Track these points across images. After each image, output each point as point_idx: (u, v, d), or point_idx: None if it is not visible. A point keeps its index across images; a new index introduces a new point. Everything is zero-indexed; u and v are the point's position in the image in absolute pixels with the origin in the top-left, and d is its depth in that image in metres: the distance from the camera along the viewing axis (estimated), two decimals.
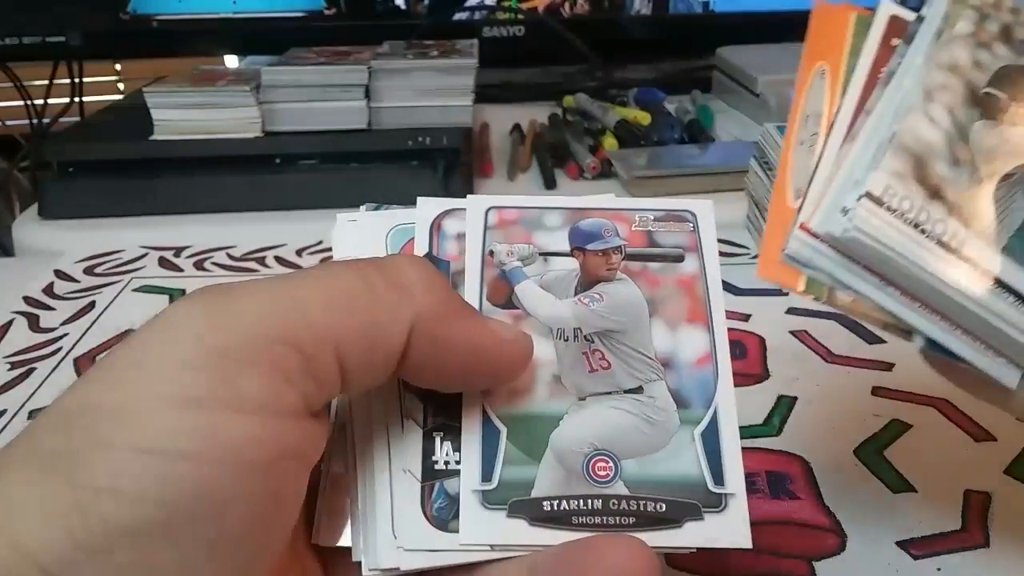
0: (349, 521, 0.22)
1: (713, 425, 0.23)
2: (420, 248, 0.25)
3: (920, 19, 0.24)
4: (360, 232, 0.25)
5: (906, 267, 0.21)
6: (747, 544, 0.22)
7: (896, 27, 0.25)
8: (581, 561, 0.20)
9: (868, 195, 0.21)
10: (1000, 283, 0.22)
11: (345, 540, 0.22)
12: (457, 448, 0.22)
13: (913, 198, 0.21)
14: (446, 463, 0.22)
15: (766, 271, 0.24)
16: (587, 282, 0.25)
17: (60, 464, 0.17)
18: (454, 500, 0.22)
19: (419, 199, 0.26)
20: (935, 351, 0.22)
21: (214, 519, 0.17)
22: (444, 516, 0.22)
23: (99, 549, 0.16)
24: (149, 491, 0.16)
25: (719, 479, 0.22)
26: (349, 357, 0.19)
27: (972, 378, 0.23)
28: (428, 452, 0.22)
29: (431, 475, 0.22)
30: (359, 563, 0.22)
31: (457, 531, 0.21)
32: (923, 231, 0.21)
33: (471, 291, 0.24)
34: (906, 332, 0.23)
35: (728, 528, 0.22)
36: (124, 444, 0.17)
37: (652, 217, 0.26)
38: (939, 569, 0.30)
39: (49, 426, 0.17)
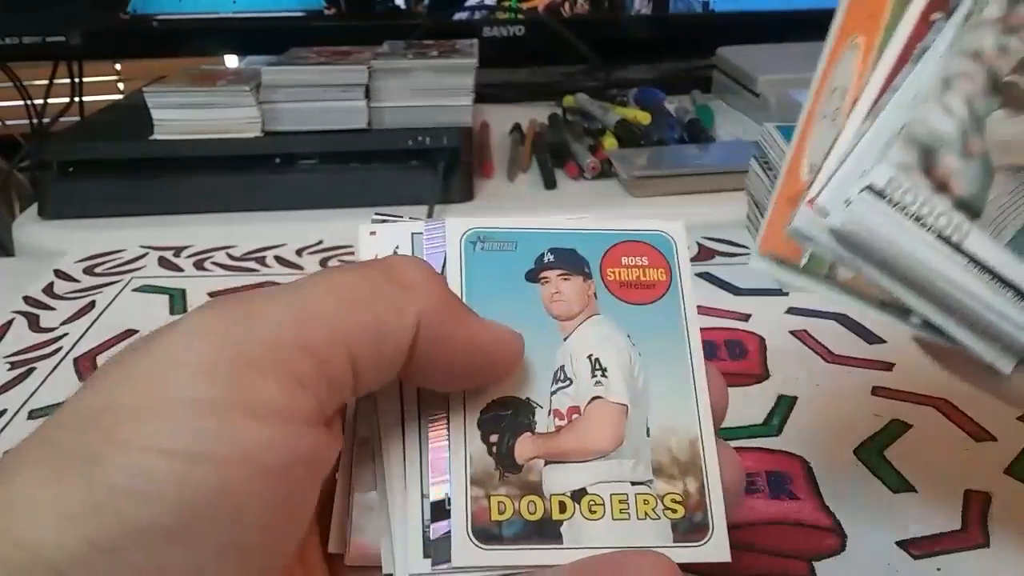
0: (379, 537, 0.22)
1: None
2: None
3: None
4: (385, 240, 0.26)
5: (904, 261, 0.21)
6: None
7: (938, 0, 0.23)
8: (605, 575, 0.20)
9: (870, 188, 0.21)
10: (1000, 279, 0.21)
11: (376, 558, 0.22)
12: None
13: (918, 191, 0.21)
14: None
15: (769, 244, 0.23)
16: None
17: (76, 463, 0.17)
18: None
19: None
20: (931, 333, 0.22)
21: (229, 522, 0.17)
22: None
23: (113, 548, 0.16)
24: (167, 492, 0.16)
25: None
26: (360, 356, 0.20)
27: (964, 363, 0.23)
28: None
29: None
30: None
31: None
32: (924, 225, 0.21)
33: None
34: (903, 312, 0.22)
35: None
36: (143, 445, 0.17)
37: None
38: (939, 569, 0.30)
39: (65, 426, 0.18)
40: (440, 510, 0.22)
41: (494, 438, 0.23)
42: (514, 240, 0.26)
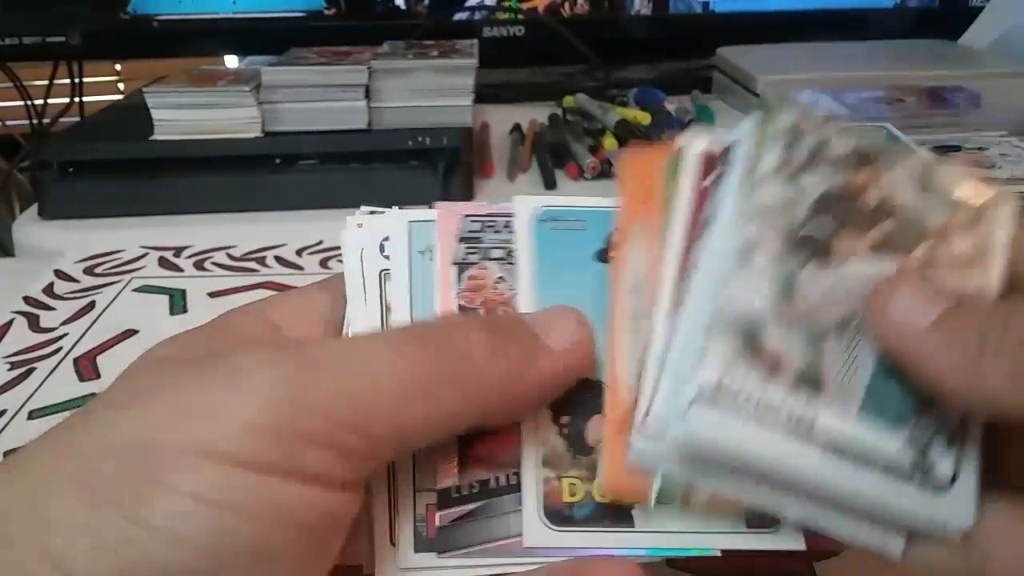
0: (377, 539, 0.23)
1: None
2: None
3: (730, 149, 0.21)
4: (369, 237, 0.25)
5: (760, 459, 0.19)
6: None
7: (711, 162, 0.22)
8: None
9: (703, 389, 0.19)
10: (865, 454, 0.19)
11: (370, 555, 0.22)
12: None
13: (752, 380, 0.19)
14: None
15: (609, 484, 0.21)
16: None
17: (116, 496, 0.17)
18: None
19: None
20: (810, 529, 0.21)
21: (258, 571, 0.18)
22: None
23: None
24: (203, 540, 0.17)
25: None
26: (413, 435, 0.20)
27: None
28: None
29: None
30: None
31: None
32: (771, 412, 0.19)
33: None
34: (773, 519, 0.21)
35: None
36: (186, 490, 0.17)
37: None
38: None
39: (104, 453, 0.18)
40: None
41: (565, 419, 0.22)
42: (583, 219, 0.25)
